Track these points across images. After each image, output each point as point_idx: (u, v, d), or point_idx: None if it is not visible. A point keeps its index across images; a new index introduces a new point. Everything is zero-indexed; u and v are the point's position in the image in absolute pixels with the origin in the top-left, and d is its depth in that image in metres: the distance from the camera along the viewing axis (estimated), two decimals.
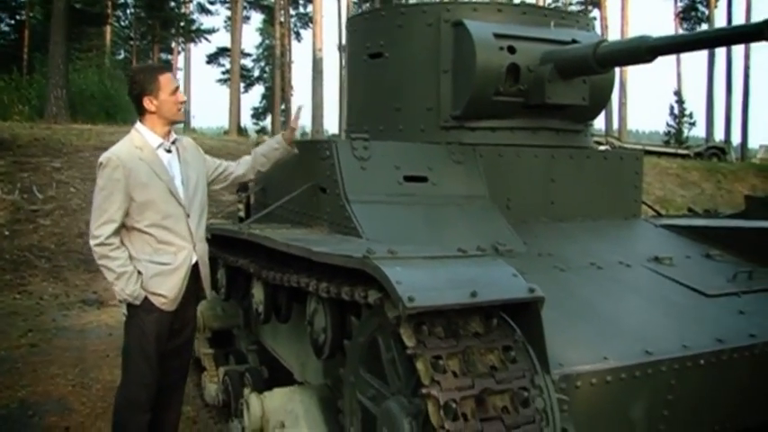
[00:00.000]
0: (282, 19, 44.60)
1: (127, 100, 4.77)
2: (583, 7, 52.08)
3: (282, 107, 49.18)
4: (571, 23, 4.15)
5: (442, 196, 3.65)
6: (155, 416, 3.57)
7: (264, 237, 3.29)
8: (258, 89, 55.80)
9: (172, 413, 3.81)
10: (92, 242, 3.34)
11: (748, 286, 3.26)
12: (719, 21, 37.58)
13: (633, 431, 2.49)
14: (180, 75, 43.58)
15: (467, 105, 3.84)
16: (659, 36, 3.33)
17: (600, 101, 4.09)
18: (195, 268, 3.55)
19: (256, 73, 56.49)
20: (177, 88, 3.47)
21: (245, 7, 39.82)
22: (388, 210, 3.47)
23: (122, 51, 39.27)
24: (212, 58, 45.98)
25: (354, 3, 51.69)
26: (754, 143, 42.84)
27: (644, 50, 3.33)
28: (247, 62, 49.62)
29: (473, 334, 2.06)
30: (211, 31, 42.83)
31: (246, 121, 49.45)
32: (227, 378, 4.67)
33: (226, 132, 37.21)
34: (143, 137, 3.42)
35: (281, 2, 42.42)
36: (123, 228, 3.35)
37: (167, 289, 3.38)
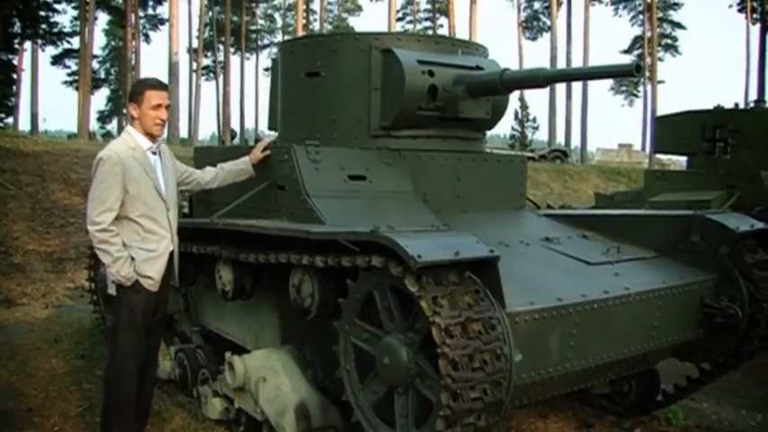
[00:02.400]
0: (133, 20, 43.80)
1: None
2: (431, 14, 54.52)
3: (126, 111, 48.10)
4: (473, 51, 5.10)
5: (378, 192, 4.47)
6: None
7: (250, 225, 4.00)
8: (103, 92, 54.40)
9: (148, 384, 4.41)
10: (92, 228, 3.87)
11: (618, 257, 4.30)
12: (560, 30, 40.54)
13: (551, 356, 3.45)
14: (25, 76, 41.93)
15: (395, 118, 4.66)
16: (552, 69, 4.35)
17: (498, 115, 5.05)
18: (171, 256, 4.21)
19: (102, 75, 55.09)
20: (160, 105, 4.03)
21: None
22: (340, 202, 4.26)
23: None
24: (57, 60, 44.40)
25: (206, 6, 51.56)
26: (591, 146, 46.61)
27: (541, 79, 4.35)
28: (93, 64, 48.30)
29: (453, 283, 2.93)
30: (72, 33, 41.09)
31: (92, 124, 48.12)
32: (181, 355, 5.30)
33: (72, 136, 36.15)
34: (135, 139, 4.04)
35: (132, 3, 41.64)
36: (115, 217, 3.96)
37: (155, 272, 4.01)
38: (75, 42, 41.32)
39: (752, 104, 9.14)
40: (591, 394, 5.32)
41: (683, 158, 12.70)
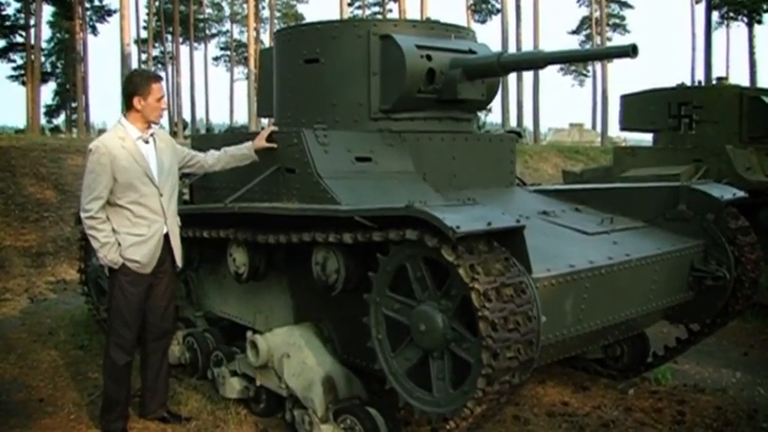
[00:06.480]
0: (80, 12, 43.06)
1: None
2: None
3: (74, 104, 47.40)
4: (464, 36, 5.30)
5: (383, 172, 4.65)
6: (148, 362, 4.60)
7: (273, 207, 4.17)
8: (50, 86, 53.25)
9: (156, 365, 4.66)
10: (83, 215, 4.18)
11: (612, 227, 4.56)
12: (510, 12, 40.91)
13: (566, 318, 3.69)
14: None
15: (396, 101, 4.83)
16: (551, 50, 4.58)
17: (491, 96, 5.28)
18: (167, 238, 4.41)
19: (48, 68, 53.93)
20: (163, 97, 4.33)
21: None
22: (350, 183, 4.43)
23: None
24: (1, 54, 43.44)
25: None
26: (543, 126, 47.36)
27: (540, 60, 4.57)
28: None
29: (483, 251, 3.14)
30: (15, 27, 40.22)
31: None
32: (190, 339, 5.44)
33: (20, 131, 35.46)
34: (126, 130, 4.26)
35: None
36: (107, 204, 4.18)
37: (141, 256, 4.25)
38: (18, 36, 40.56)
39: (714, 81, 9.52)
40: (584, 359, 5.61)
41: (636, 136, 13.09)
